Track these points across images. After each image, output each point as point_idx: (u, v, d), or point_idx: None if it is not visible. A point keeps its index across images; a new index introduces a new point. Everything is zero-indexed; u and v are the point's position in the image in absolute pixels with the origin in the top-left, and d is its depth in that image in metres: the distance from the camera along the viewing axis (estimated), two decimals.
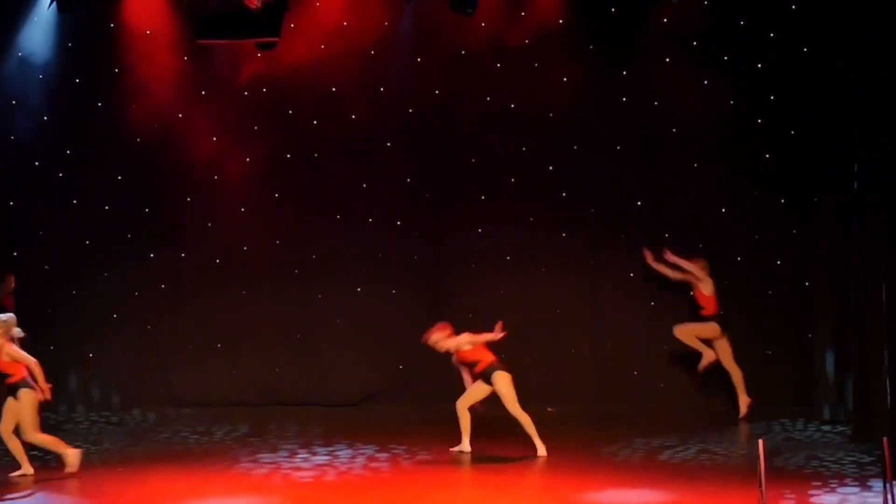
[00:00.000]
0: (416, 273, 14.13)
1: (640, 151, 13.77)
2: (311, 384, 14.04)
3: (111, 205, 14.10)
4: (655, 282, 13.62)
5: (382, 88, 14.10)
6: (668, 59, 13.64)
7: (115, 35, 13.95)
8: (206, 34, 13.07)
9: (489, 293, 13.96)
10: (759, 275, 13.59)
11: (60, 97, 14.06)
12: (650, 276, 13.60)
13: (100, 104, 14.08)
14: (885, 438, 8.23)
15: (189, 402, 14.00)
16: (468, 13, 12.85)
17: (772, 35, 13.41)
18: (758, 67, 13.45)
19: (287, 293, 14.11)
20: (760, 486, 8.21)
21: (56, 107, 14.08)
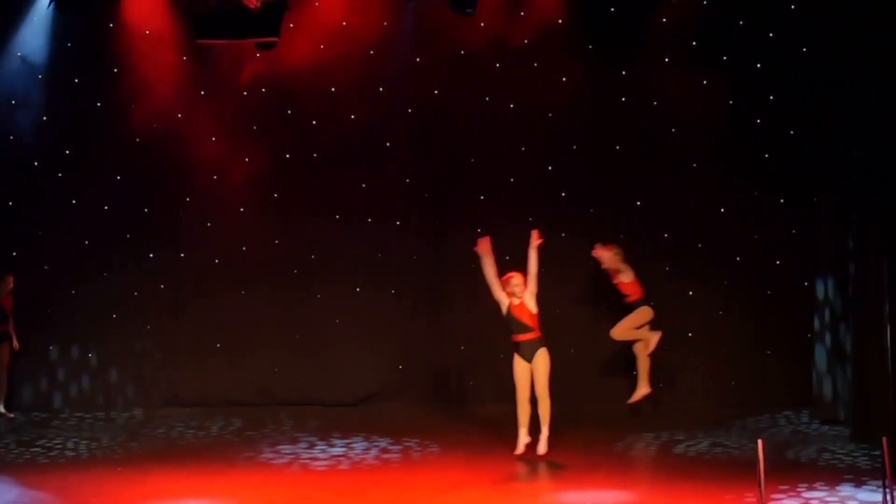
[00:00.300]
0: (416, 273, 14.13)
1: (640, 151, 13.77)
2: (311, 384, 14.04)
3: (110, 205, 14.10)
4: (655, 281, 13.61)
5: (382, 88, 14.11)
6: (668, 59, 13.64)
7: (115, 35, 13.96)
8: (206, 34, 13.06)
9: (489, 293, 13.92)
10: (759, 275, 13.59)
11: (60, 97, 14.07)
12: (650, 276, 13.61)
13: (99, 104, 14.09)
14: (885, 438, 8.23)
15: (189, 402, 14.00)
16: (468, 13, 12.84)
17: (772, 35, 13.40)
18: (758, 67, 13.45)
19: (287, 293, 14.11)
20: (760, 487, 8.21)
21: (56, 107, 14.09)
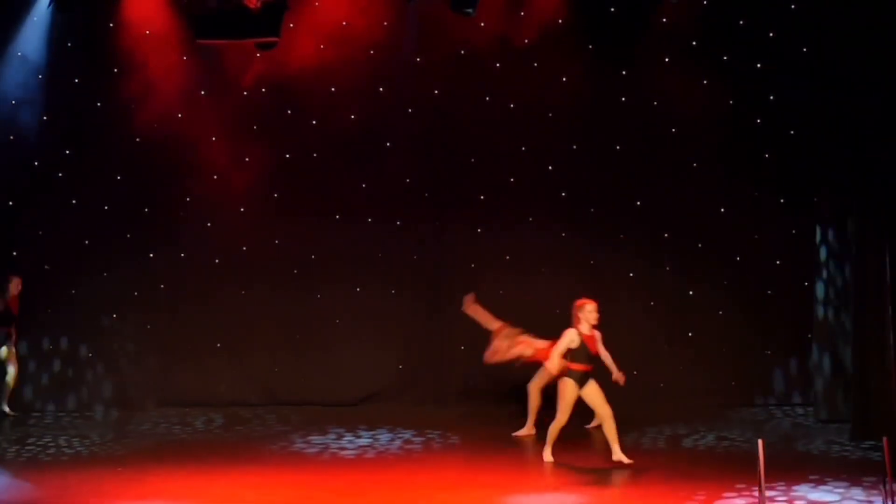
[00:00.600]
0: (416, 273, 14.13)
1: (640, 151, 13.77)
2: (311, 384, 14.04)
3: (111, 205, 14.11)
4: (655, 281, 13.63)
5: (382, 88, 14.11)
6: (668, 59, 13.64)
7: (115, 35, 13.97)
8: (206, 34, 13.07)
9: (489, 293, 13.91)
10: (759, 275, 13.59)
11: (60, 97, 14.08)
12: (650, 276, 13.63)
13: (99, 104, 14.09)
14: (885, 438, 8.23)
15: (188, 402, 13.98)
16: (467, 13, 12.85)
17: (772, 35, 13.41)
18: (758, 67, 13.46)
19: (287, 293, 14.11)
20: (760, 487, 8.21)
21: (56, 107, 14.10)
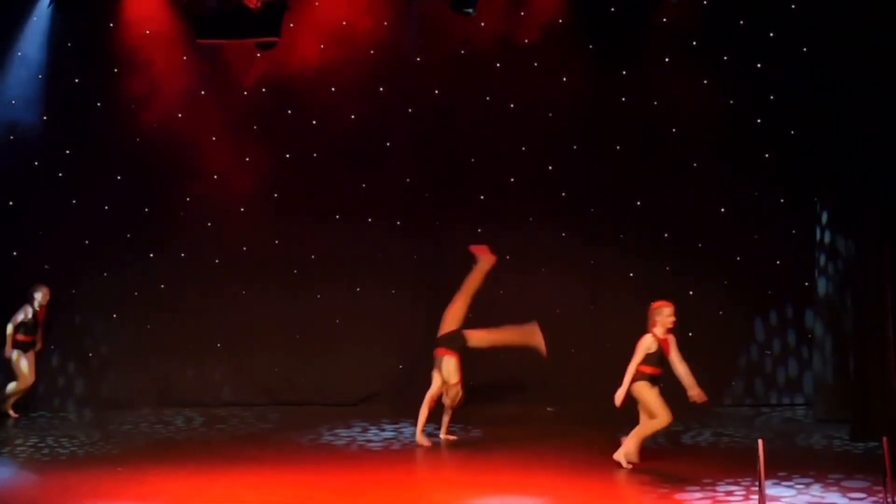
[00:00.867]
0: (416, 273, 14.13)
1: (640, 151, 13.77)
2: (311, 384, 14.04)
3: (111, 205, 14.11)
4: (655, 282, 13.62)
5: (382, 88, 14.11)
6: (668, 59, 13.64)
7: (115, 35, 13.97)
8: (206, 34, 13.06)
9: (489, 293, 13.93)
10: (759, 275, 13.59)
11: (60, 97, 14.07)
12: (650, 276, 13.63)
13: (99, 104, 14.10)
14: (885, 438, 8.22)
15: (188, 402, 13.99)
16: (467, 13, 12.84)
17: (772, 35, 13.41)
18: (758, 67, 13.46)
19: (286, 293, 14.11)
20: (760, 487, 8.21)
21: (56, 107, 14.10)
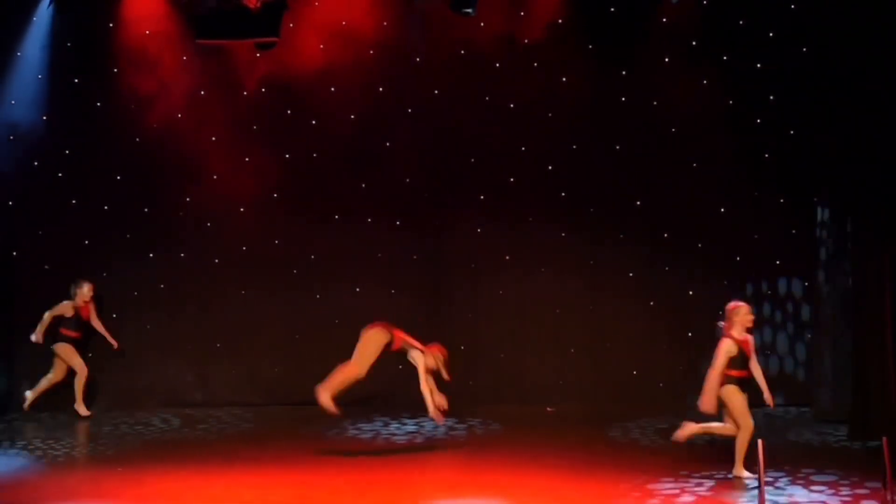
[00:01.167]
0: (416, 273, 14.12)
1: (640, 151, 13.77)
2: (311, 384, 13.97)
3: (110, 204, 14.10)
4: (655, 281, 13.63)
5: (382, 88, 14.10)
6: (668, 59, 13.64)
7: (115, 35, 13.97)
8: (206, 34, 13.08)
9: (489, 293, 13.96)
10: (759, 274, 13.59)
11: (60, 97, 14.07)
12: (650, 276, 13.63)
13: (99, 104, 14.09)
14: (885, 438, 8.23)
15: (188, 402, 13.99)
16: (466, 13, 12.85)
17: (772, 35, 13.41)
18: (758, 67, 13.45)
19: (286, 293, 14.11)
20: (760, 486, 8.21)
21: (56, 107, 14.09)
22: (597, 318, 13.83)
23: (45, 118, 14.06)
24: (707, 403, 9.95)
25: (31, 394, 13.61)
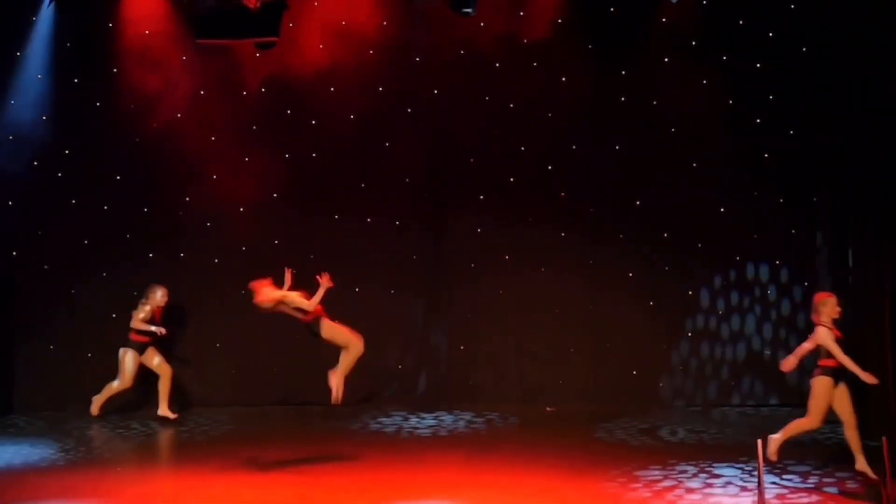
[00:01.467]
0: (416, 273, 14.12)
1: (640, 151, 13.77)
2: (310, 384, 13.98)
3: (110, 205, 14.11)
4: (655, 282, 13.63)
5: (382, 88, 14.11)
6: (668, 59, 13.64)
7: (115, 35, 13.97)
8: (206, 34, 13.08)
9: (489, 293, 13.96)
10: (759, 274, 13.59)
11: (60, 97, 14.07)
12: (650, 276, 13.63)
13: (99, 104, 14.10)
14: (885, 438, 8.23)
15: (188, 402, 13.99)
16: (465, 13, 12.85)
17: (772, 35, 13.41)
18: (758, 67, 13.45)
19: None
20: (760, 486, 8.21)
21: (56, 107, 14.09)
22: (597, 318, 13.83)
23: (46, 118, 14.06)
24: (866, 377, 9.67)
25: (98, 398, 13.47)
